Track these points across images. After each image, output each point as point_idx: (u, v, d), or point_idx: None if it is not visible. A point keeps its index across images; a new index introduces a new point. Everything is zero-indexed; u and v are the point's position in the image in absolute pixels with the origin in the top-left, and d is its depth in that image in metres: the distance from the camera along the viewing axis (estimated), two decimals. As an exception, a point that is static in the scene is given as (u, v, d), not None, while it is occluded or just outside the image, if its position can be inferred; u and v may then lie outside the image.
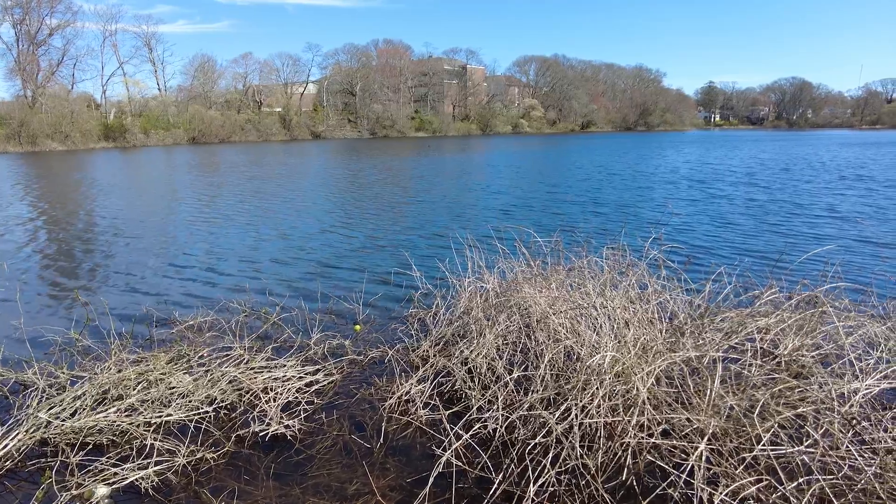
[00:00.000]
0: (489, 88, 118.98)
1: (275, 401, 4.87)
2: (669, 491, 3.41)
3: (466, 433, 4.12)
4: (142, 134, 68.45)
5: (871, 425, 3.80)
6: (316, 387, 5.26)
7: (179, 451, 4.10)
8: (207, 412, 4.71)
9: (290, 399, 5.00)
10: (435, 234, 12.55)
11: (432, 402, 4.80)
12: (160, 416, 4.53)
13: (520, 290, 5.75)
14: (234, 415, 4.78)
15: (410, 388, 4.95)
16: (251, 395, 4.99)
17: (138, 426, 4.39)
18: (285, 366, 5.54)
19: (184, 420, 4.58)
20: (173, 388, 4.97)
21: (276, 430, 4.47)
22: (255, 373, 5.33)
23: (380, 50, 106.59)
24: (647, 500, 3.40)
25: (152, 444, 4.14)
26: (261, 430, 4.46)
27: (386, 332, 6.56)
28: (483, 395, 4.70)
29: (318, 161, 39.63)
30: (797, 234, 12.13)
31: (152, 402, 4.70)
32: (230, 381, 5.15)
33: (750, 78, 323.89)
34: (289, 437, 4.44)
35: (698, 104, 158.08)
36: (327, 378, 5.40)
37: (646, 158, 36.66)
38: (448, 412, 4.66)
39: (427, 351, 5.76)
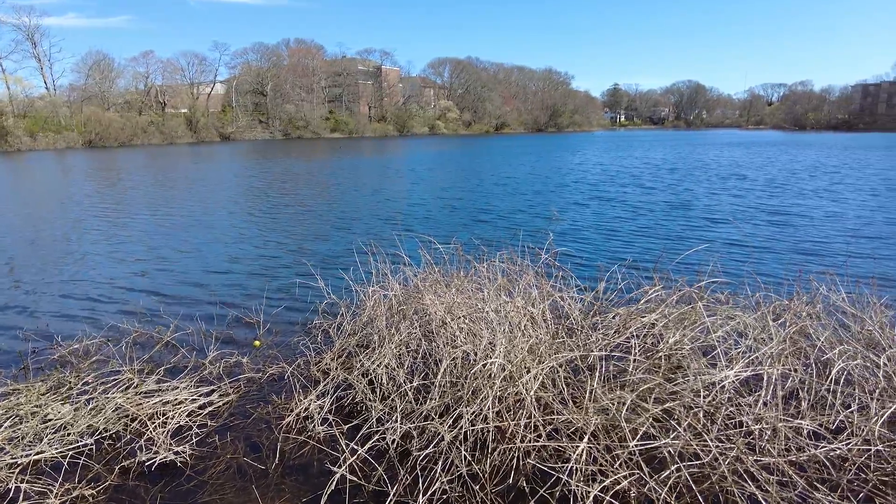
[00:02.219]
0: (405, 90, 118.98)
1: (164, 426, 4.65)
2: (555, 490, 3.57)
3: (364, 446, 4.12)
4: (27, 137, 62.79)
5: (737, 411, 4.16)
6: (210, 409, 5.06)
7: (52, 492, 3.82)
8: (88, 444, 4.42)
9: (181, 423, 4.78)
10: (341, 242, 12.36)
11: (331, 418, 4.75)
12: (28, 455, 4.19)
13: (421, 296, 5.81)
14: (118, 445, 4.50)
15: (309, 405, 4.88)
16: (138, 423, 4.73)
17: (1, 469, 4.04)
18: (177, 388, 5.30)
19: (58, 457, 4.27)
20: (49, 420, 4.62)
21: (164, 457, 4.26)
22: (144, 397, 5.06)
23: (291, 49, 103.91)
24: (534, 499, 3.54)
25: (18, 488, 3.83)
26: (147, 459, 4.24)
27: (288, 347, 6.42)
28: (383, 406, 4.72)
29: (224, 165, 38.00)
30: (679, 233, 12.95)
31: (22, 439, 4.35)
32: (115, 409, 4.86)
33: (652, 80, 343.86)
34: (179, 464, 4.24)
35: (605, 105, 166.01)
36: (223, 399, 5.22)
37: (548, 161, 37.26)
38: (347, 426, 4.64)
39: (329, 364, 5.69)
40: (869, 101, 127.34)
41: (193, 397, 5.15)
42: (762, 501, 3.16)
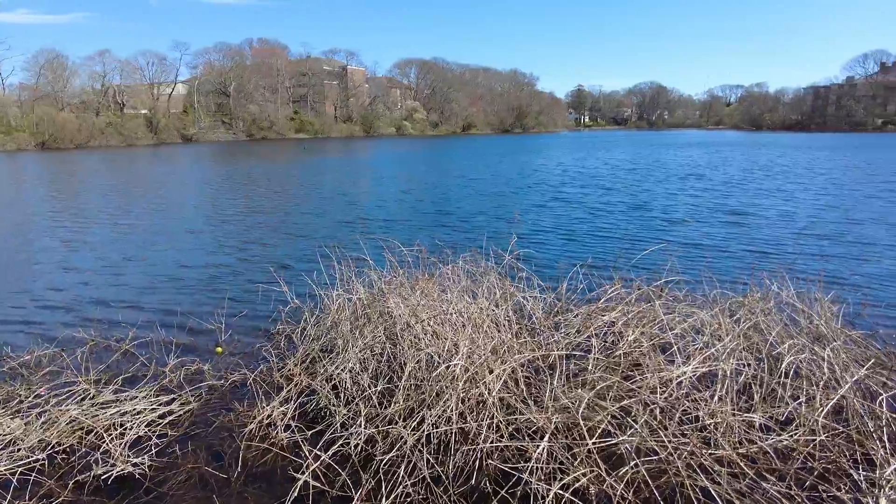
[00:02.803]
0: (371, 90, 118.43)
1: (122, 438, 4.54)
2: (516, 490, 3.63)
3: (328, 452, 4.11)
4: (-28, 138, 60.25)
5: (693, 406, 4.30)
6: (170, 418, 4.96)
7: (1, 510, 3.70)
8: (40, 460, 4.28)
9: (139, 434, 4.67)
10: (305, 245, 12.21)
11: (294, 424, 4.72)
12: (-26, 474, 4.04)
13: (385, 300, 5.82)
14: (72, 459, 4.38)
15: (272, 411, 4.83)
16: (94, 435, 4.61)
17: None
18: (136, 397, 5.19)
19: (6, 474, 4.12)
20: (-3, 436, 4.47)
21: (122, 470, 4.16)
22: (101, 409, 4.93)
23: (254, 49, 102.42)
24: (496, 499, 3.59)
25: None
26: (104, 473, 4.13)
27: (250, 353, 6.34)
28: (347, 411, 4.71)
29: (185, 168, 37.17)
30: (637, 233, 13.16)
31: (-33, 458, 4.19)
32: (70, 422, 4.72)
33: (615, 81, 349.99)
34: (137, 477, 4.15)
35: (569, 106, 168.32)
36: (183, 407, 5.12)
37: (511, 163, 37.29)
38: (311, 432, 4.61)
39: (292, 370, 5.64)
40: (820, 102, 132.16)
41: (153, 407, 5.04)
42: (714, 494, 3.27)
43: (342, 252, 7.14)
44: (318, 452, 4.10)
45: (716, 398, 4.34)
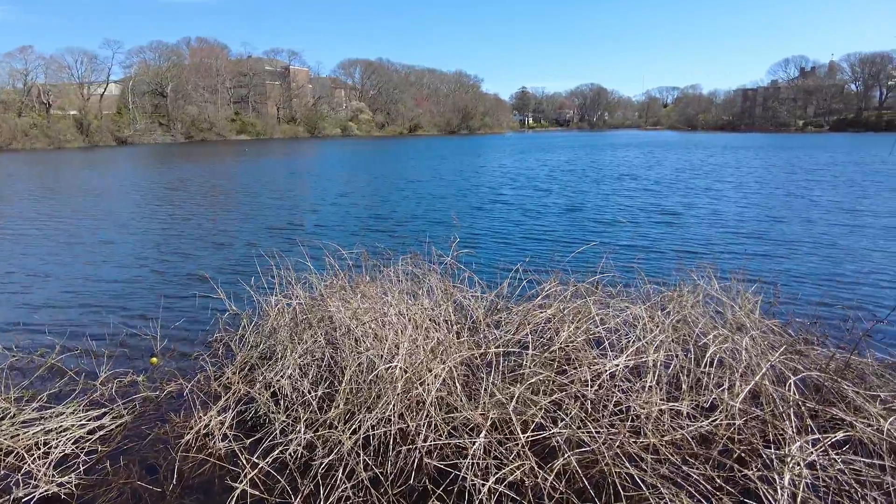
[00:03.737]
0: (315, 90, 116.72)
1: (46, 457, 4.34)
2: (454, 487, 3.70)
3: (266, 459, 4.07)
4: None
5: (626, 397, 4.48)
6: (101, 433, 4.78)
7: None
8: (-48, 485, 4.04)
9: (66, 452, 4.48)
10: (244, 250, 11.92)
11: (232, 433, 4.63)
12: None
13: (326, 303, 5.79)
14: (-9, 482, 4.15)
15: (210, 421, 4.72)
16: (14, 456, 4.38)
17: None
18: (63, 414, 4.96)
19: (-84, 500, 3.88)
20: None
21: (45, 490, 3.98)
22: (22, 428, 4.69)
23: (192, 48, 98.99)
24: (434, 497, 3.65)
25: None
26: (26, 495, 3.94)
27: (187, 362, 6.16)
28: (286, 417, 4.66)
29: (118, 171, 35.57)
30: (573, 233, 13.53)
31: None
32: (-12, 442, 4.47)
33: (557, 83, 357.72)
34: (63, 497, 3.98)
35: (514, 108, 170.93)
36: (115, 421, 4.94)
37: (453, 165, 37.48)
38: (250, 440, 4.54)
39: (230, 378, 5.53)
40: (748, 104, 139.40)
41: (81, 422, 4.84)
42: (638, 480, 3.44)
43: (281, 257, 7.05)
44: (256, 460, 4.05)
45: (646, 389, 4.54)
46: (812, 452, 3.55)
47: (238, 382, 5.37)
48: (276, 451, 4.18)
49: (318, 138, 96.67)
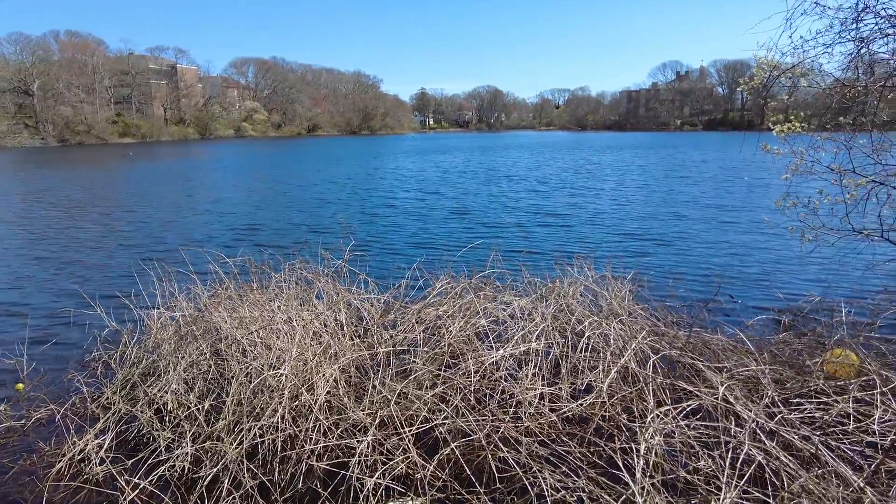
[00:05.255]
0: (205, 90, 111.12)
1: None
2: (343, 486, 3.79)
3: (148, 478, 3.93)
4: None
5: (510, 386, 4.77)
6: (-46, 471, 4.37)
7: None
8: None
9: None
10: (122, 263, 11.09)
11: (111, 456, 4.41)
12: None
13: (211, 314, 5.63)
14: None
15: (86, 445, 4.46)
16: None
17: None
18: None
19: None
20: None
21: None
22: None
23: (62, 42, 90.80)
24: (322, 500, 3.72)
25: None
26: None
27: (59, 386, 5.73)
28: (172, 434, 4.51)
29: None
30: (461, 234, 13.90)
31: None
32: None
33: (456, 85, 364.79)
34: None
35: (414, 109, 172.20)
36: (-28, 457, 4.53)
37: (348, 167, 37.15)
38: (132, 461, 4.35)
39: (110, 398, 5.24)
40: (632, 105, 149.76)
41: (-70, 461, 4.40)
42: (513, 462, 3.71)
43: (164, 268, 6.74)
44: (138, 481, 3.90)
45: (528, 376, 4.87)
46: (666, 422, 3.99)
47: (118, 402, 5.10)
48: (161, 469, 4.04)
49: (209, 140, 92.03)
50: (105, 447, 4.47)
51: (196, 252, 9.57)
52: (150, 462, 4.19)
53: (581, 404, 4.39)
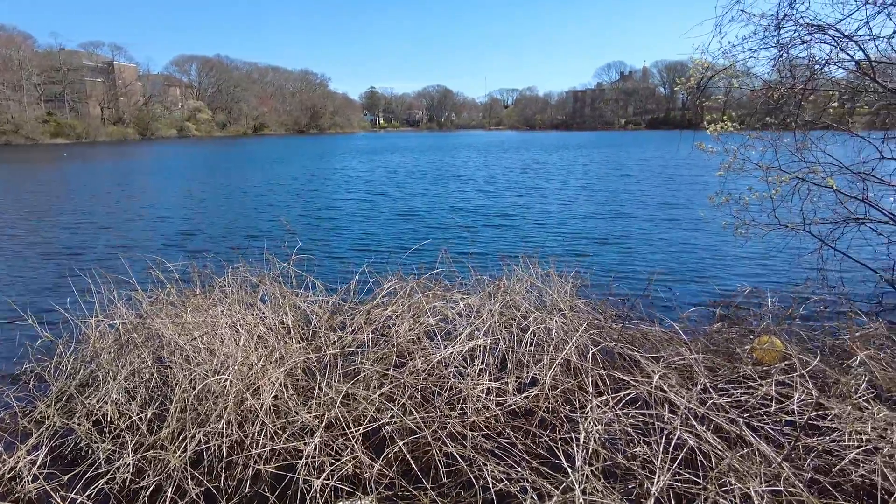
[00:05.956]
0: (145, 88, 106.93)
1: None
2: (290, 489, 3.78)
3: (85, 493, 3.81)
4: None
5: (458, 382, 4.85)
6: None
7: None
8: None
9: None
10: (55, 269, 10.61)
11: (45, 472, 4.25)
12: None
13: (153, 320, 5.49)
14: None
15: (17, 462, 4.28)
16: None
17: None
18: None
19: None
20: None
21: None
22: None
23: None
24: (270, 502, 3.71)
25: None
26: None
27: (-13, 401, 5.47)
28: (112, 445, 4.38)
29: None
30: (413, 234, 14.00)
31: None
32: None
33: (406, 84, 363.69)
34: None
35: (363, 108, 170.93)
36: None
37: (294, 168, 36.60)
38: (68, 476, 4.20)
39: (44, 412, 5.03)
40: (578, 105, 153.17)
41: None
42: (458, 456, 3.80)
43: (103, 275, 6.51)
44: (74, 496, 3.78)
45: (476, 372, 4.97)
46: (605, 411, 4.17)
47: (53, 415, 4.90)
48: (101, 482, 3.92)
49: (151, 140, 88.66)
50: (38, 463, 4.30)
51: (134, 258, 9.25)
52: (88, 476, 4.06)
53: (526, 397, 4.52)
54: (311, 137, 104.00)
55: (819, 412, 4.32)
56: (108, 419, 4.66)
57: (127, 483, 3.98)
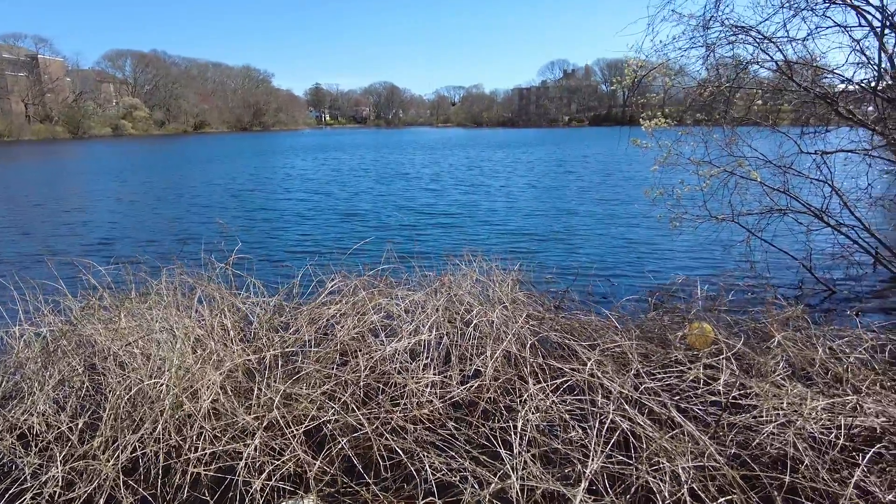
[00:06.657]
0: (75, 85, 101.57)
1: None
2: (232, 491, 3.74)
3: (12, 510, 3.65)
4: None
5: (403, 378, 4.89)
6: None
7: None
8: None
9: None
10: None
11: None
12: None
13: (84, 327, 5.28)
14: None
15: (-69, 485, 4.04)
16: None
17: None
18: None
19: None
20: None
21: None
22: None
23: None
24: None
25: None
26: None
27: None
28: (39, 458, 4.20)
29: None
30: (356, 232, 13.96)
31: None
32: None
33: (351, 81, 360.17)
34: None
35: (309, 104, 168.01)
36: None
37: (233, 168, 35.54)
38: (-10, 493, 4.00)
39: (-37, 427, 4.76)
40: (524, 102, 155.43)
41: None
42: (399, 450, 3.85)
43: (25, 280, 6.19)
44: (-4, 514, 3.61)
45: (421, 367, 5.03)
46: (542, 399, 4.31)
47: (-27, 430, 4.65)
48: (26, 497, 3.76)
49: (82, 139, 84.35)
50: (-46, 484, 4.08)
51: (62, 262, 8.81)
52: (11, 492, 3.88)
53: (468, 389, 4.62)
54: (254, 135, 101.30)
55: (741, 392, 4.60)
56: (34, 432, 4.46)
57: (55, 497, 3.83)
